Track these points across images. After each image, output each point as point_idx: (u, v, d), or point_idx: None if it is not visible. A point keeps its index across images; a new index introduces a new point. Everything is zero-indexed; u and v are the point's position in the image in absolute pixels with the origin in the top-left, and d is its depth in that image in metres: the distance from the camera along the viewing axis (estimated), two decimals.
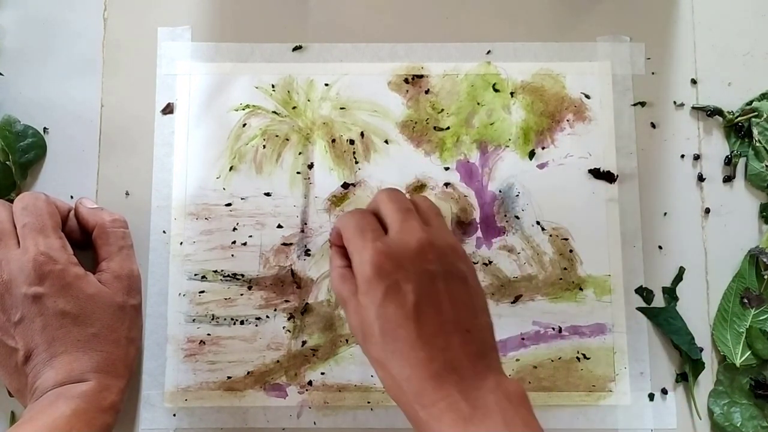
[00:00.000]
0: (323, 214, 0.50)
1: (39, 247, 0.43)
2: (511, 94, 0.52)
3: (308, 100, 0.52)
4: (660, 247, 0.50)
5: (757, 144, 0.51)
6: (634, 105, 0.52)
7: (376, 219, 0.42)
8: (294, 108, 0.51)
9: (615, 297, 0.50)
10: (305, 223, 0.50)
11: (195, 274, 0.49)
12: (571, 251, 0.50)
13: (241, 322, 0.49)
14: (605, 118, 0.52)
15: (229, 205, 0.50)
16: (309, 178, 0.51)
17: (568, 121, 0.52)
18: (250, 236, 0.50)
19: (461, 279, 0.40)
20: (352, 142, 0.51)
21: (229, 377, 0.48)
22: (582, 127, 0.52)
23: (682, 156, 0.52)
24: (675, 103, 0.52)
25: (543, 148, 0.51)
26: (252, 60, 0.52)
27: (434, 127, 0.51)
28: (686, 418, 0.48)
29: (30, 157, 0.50)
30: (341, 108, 0.51)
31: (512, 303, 0.50)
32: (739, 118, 0.51)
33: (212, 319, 0.49)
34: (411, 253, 0.39)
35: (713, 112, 0.51)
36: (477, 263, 0.50)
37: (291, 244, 0.50)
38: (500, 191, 0.51)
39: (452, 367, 0.37)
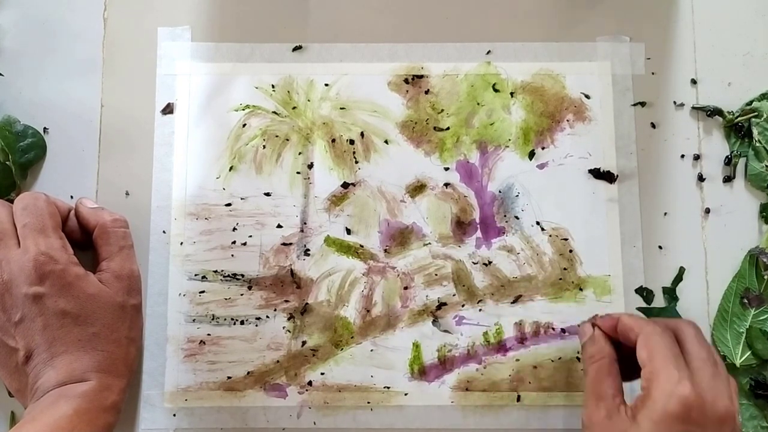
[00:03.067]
0: (323, 213, 0.50)
1: (39, 247, 0.43)
2: (511, 94, 0.52)
3: (308, 100, 0.52)
4: (660, 247, 0.50)
5: (757, 144, 0.51)
6: (634, 105, 0.52)
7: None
8: (294, 108, 0.52)
9: (615, 297, 0.50)
10: (305, 223, 0.50)
11: (195, 274, 0.49)
12: (570, 251, 0.50)
13: (241, 322, 0.49)
14: (605, 118, 0.52)
15: (229, 205, 0.50)
16: (309, 178, 0.51)
17: (568, 121, 0.52)
18: (250, 236, 0.50)
19: None
20: (352, 142, 0.51)
21: (229, 377, 0.48)
22: (582, 127, 0.52)
23: (682, 156, 0.52)
24: (675, 103, 0.52)
25: (543, 148, 0.51)
26: (252, 60, 0.52)
27: (434, 128, 0.51)
28: None
29: (30, 157, 0.50)
30: (341, 108, 0.51)
31: (512, 303, 0.50)
32: (739, 118, 0.51)
33: (212, 319, 0.49)
34: (715, 418, 0.39)
35: (713, 112, 0.51)
36: (477, 264, 0.50)
37: (291, 243, 0.50)
38: (500, 191, 0.51)
39: None
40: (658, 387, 0.40)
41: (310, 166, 0.51)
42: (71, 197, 0.50)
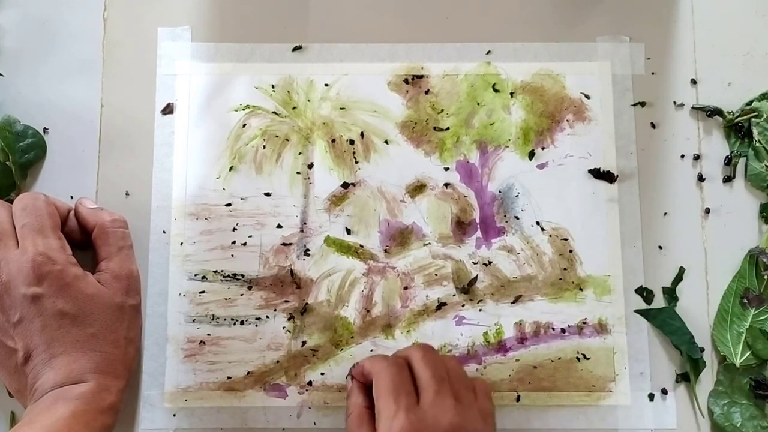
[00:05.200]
0: (323, 213, 0.50)
1: (38, 247, 0.43)
2: (511, 94, 0.52)
3: (308, 101, 0.52)
4: (660, 247, 0.50)
5: (757, 144, 0.51)
6: (634, 105, 0.52)
7: (410, 377, 0.43)
8: (294, 108, 0.51)
9: (615, 297, 0.50)
10: (305, 223, 0.50)
11: (195, 275, 0.49)
12: (570, 251, 0.50)
13: (241, 323, 0.49)
14: (605, 118, 0.52)
15: (229, 205, 0.50)
16: (309, 178, 0.51)
17: (567, 121, 0.52)
18: (250, 236, 0.50)
19: None
20: (352, 142, 0.51)
21: (229, 377, 0.48)
22: (582, 127, 0.52)
23: (682, 156, 0.52)
24: (675, 103, 0.52)
25: (543, 149, 0.51)
26: (252, 60, 0.52)
27: (434, 128, 0.51)
28: (686, 418, 0.48)
29: (30, 158, 0.50)
30: (341, 108, 0.51)
31: (512, 303, 0.50)
32: (739, 118, 0.51)
33: (212, 320, 0.49)
34: None
35: (713, 112, 0.51)
36: (477, 263, 0.50)
37: (291, 244, 0.50)
38: (500, 191, 0.51)
39: None
40: (380, 425, 0.41)
41: (310, 166, 0.51)
42: (71, 197, 0.50)
